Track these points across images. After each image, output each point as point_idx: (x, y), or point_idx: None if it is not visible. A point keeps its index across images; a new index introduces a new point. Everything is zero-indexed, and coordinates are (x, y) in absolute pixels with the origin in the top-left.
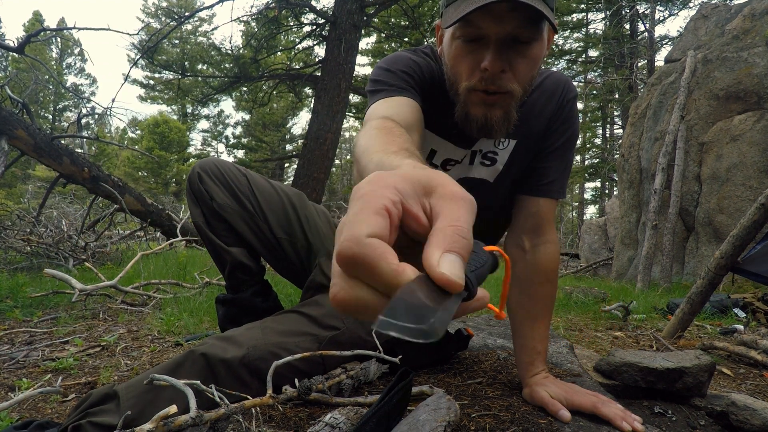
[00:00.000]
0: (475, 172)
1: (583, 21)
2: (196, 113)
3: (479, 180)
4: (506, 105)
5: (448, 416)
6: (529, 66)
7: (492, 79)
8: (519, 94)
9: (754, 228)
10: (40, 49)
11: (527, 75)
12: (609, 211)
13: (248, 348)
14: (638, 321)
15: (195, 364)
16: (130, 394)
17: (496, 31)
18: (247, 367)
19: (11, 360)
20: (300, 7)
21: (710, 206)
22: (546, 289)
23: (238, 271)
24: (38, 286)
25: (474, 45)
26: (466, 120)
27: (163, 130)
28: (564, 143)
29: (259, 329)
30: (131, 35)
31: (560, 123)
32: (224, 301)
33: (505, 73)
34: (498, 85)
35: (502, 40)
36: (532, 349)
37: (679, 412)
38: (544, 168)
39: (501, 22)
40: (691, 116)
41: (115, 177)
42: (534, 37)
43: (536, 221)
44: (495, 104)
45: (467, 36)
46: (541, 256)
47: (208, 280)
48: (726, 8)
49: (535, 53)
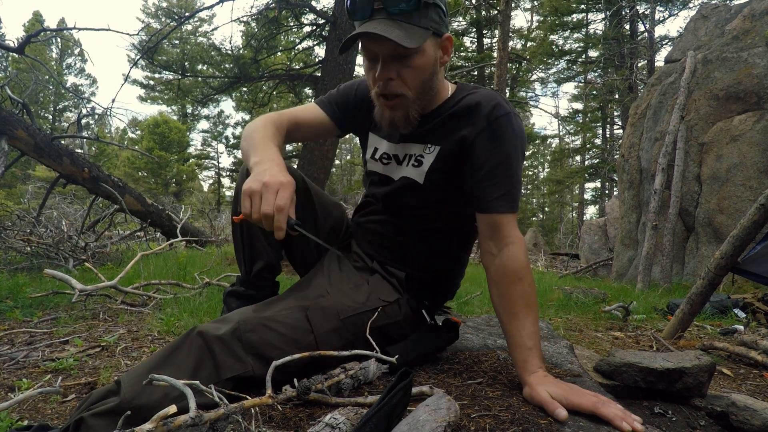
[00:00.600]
0: (406, 171)
1: (583, 21)
2: (196, 113)
3: (411, 180)
4: (404, 106)
5: (448, 416)
6: (415, 73)
7: (384, 86)
8: (413, 95)
9: (754, 228)
10: (40, 50)
11: (416, 80)
12: (609, 212)
13: (238, 322)
14: (638, 321)
15: (192, 345)
16: (131, 376)
17: (380, 51)
18: (240, 340)
19: (11, 360)
20: (300, 7)
21: (710, 206)
22: (520, 287)
23: (266, 271)
24: (38, 286)
25: (373, 62)
26: (381, 118)
27: (163, 131)
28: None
29: (251, 308)
30: (131, 35)
31: (486, 140)
32: (240, 295)
33: (393, 81)
34: (390, 91)
35: (387, 57)
36: (522, 346)
37: (679, 412)
38: (481, 189)
39: (382, 45)
40: (691, 116)
41: (115, 177)
42: (410, 53)
43: (495, 229)
44: (395, 106)
45: (367, 56)
46: (507, 257)
47: (208, 280)
48: (726, 9)
49: (418, 63)
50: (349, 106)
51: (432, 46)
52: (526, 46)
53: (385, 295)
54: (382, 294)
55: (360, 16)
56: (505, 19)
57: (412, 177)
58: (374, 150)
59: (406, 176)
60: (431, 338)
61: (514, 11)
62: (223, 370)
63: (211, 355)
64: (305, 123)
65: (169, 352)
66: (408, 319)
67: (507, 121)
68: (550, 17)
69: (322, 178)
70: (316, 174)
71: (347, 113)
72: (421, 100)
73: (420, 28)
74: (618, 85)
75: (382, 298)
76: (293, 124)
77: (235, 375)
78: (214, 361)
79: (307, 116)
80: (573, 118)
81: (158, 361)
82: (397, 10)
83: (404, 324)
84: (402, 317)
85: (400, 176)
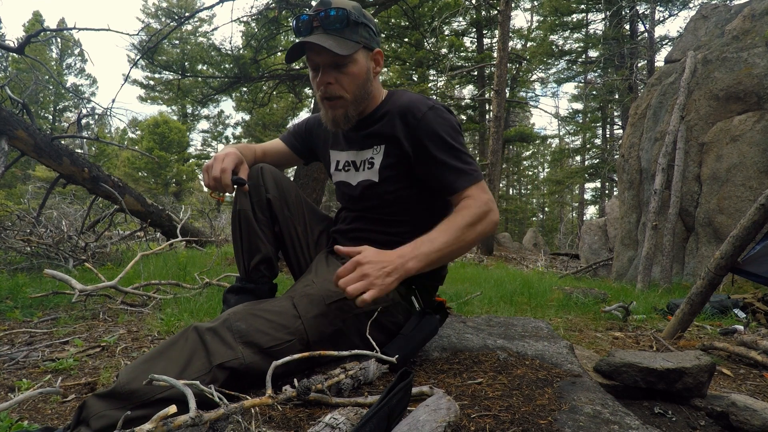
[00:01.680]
0: (364, 175)
1: (583, 21)
2: (196, 114)
3: (369, 181)
4: (343, 106)
5: (448, 416)
6: (350, 78)
7: (325, 90)
8: (350, 97)
9: (754, 228)
10: (40, 50)
11: (351, 85)
12: (609, 212)
13: (229, 313)
14: (638, 321)
15: (188, 340)
16: (129, 366)
17: (320, 60)
18: (230, 329)
19: (11, 360)
20: (300, 7)
21: (710, 207)
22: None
23: (264, 265)
24: (38, 286)
25: (315, 71)
26: (326, 119)
27: (163, 131)
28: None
29: (242, 305)
30: (131, 36)
31: (418, 137)
32: (239, 290)
33: (332, 85)
34: (330, 93)
35: (326, 65)
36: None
37: (679, 412)
38: (437, 177)
39: (320, 55)
40: (691, 117)
41: (115, 177)
42: (345, 61)
43: (466, 201)
44: (335, 106)
45: (311, 66)
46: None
47: (208, 280)
48: (726, 9)
49: (352, 70)
50: (303, 137)
51: (363, 57)
52: (526, 46)
53: None
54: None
55: (303, 33)
56: (505, 19)
57: (369, 178)
58: (336, 162)
59: (365, 178)
60: (423, 325)
61: (514, 11)
62: (215, 357)
63: (204, 345)
64: (272, 153)
65: (166, 346)
66: (397, 304)
67: (433, 114)
68: (550, 17)
69: (322, 179)
70: (316, 174)
71: (304, 143)
72: (358, 103)
73: (350, 41)
74: (618, 86)
75: None
76: (261, 153)
77: (225, 362)
78: (206, 350)
79: (272, 148)
80: (573, 118)
81: (155, 354)
82: (331, 27)
83: (394, 310)
84: (391, 303)
85: (358, 180)
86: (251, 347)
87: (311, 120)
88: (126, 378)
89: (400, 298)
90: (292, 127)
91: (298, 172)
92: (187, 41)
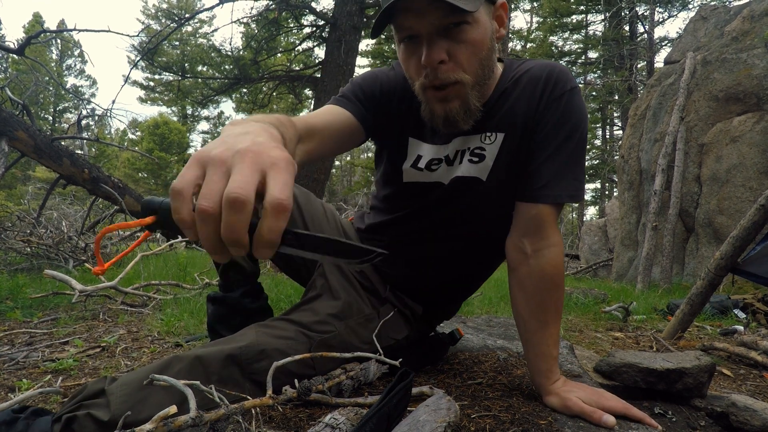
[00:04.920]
0: (464, 170)
1: (583, 22)
2: (196, 115)
3: (470, 178)
4: (461, 95)
5: (448, 417)
6: (471, 50)
7: (434, 74)
8: (470, 80)
9: (753, 229)
10: (40, 51)
11: (472, 60)
12: (609, 212)
13: (240, 348)
14: (638, 322)
15: (182, 362)
16: (123, 392)
17: (422, 26)
18: (240, 366)
19: (11, 361)
20: (300, 8)
21: (710, 207)
22: (555, 295)
23: (231, 270)
24: (38, 287)
25: (413, 45)
26: (432, 117)
27: (163, 132)
28: (560, 143)
29: (254, 332)
30: (131, 37)
31: (552, 117)
32: (214, 299)
33: (445, 64)
34: (442, 78)
35: (431, 34)
36: (548, 356)
37: (679, 412)
38: (535, 170)
39: (423, 17)
40: (690, 117)
41: (115, 178)
42: (463, 21)
43: (536, 225)
44: (448, 97)
45: (403, 37)
46: (546, 261)
47: (208, 281)
48: (725, 10)
49: (472, 37)
50: (375, 103)
51: (486, 14)
52: (525, 48)
53: (395, 332)
54: (392, 331)
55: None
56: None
57: (470, 174)
58: (417, 158)
59: (461, 175)
60: (432, 351)
61: (514, 12)
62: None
63: (206, 374)
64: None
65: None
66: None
67: (578, 100)
68: (550, 18)
69: (322, 179)
70: (316, 175)
71: (376, 115)
72: (481, 86)
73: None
74: (618, 86)
75: (391, 336)
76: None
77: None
78: (207, 381)
79: (324, 121)
80: None
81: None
82: None
83: (404, 342)
84: (405, 342)
85: (451, 178)
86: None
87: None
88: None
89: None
90: (356, 88)
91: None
92: (187, 42)
